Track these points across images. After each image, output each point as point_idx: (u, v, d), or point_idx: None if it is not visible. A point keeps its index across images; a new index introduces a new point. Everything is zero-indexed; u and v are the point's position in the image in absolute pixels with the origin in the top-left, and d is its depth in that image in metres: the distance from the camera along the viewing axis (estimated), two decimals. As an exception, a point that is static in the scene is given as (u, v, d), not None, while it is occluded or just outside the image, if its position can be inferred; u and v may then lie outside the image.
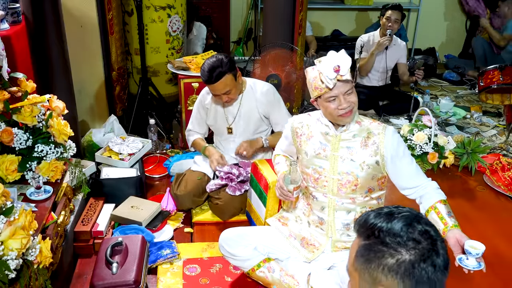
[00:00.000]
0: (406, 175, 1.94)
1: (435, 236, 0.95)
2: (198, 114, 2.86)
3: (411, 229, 0.94)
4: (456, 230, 1.77)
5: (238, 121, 2.74)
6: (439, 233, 0.97)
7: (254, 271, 2.06)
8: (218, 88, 2.53)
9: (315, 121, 2.03)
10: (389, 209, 1.00)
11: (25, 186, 2.04)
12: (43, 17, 2.61)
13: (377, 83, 4.38)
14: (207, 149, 2.79)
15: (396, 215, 0.97)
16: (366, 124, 1.96)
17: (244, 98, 2.71)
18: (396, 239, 0.93)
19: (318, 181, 2.00)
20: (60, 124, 2.12)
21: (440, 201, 1.87)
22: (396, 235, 0.94)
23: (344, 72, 1.81)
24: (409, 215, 0.97)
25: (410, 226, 0.95)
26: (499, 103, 3.73)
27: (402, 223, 0.95)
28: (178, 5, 3.83)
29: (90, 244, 2.41)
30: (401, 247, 0.92)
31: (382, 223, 0.96)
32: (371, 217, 0.99)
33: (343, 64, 1.81)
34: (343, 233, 2.01)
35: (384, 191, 2.04)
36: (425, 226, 0.96)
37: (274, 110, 2.73)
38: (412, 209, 1.00)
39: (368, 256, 0.95)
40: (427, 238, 0.94)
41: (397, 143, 1.92)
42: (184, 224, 2.70)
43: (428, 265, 0.91)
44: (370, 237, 0.96)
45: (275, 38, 3.47)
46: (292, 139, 2.10)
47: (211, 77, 2.49)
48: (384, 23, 4.16)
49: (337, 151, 1.96)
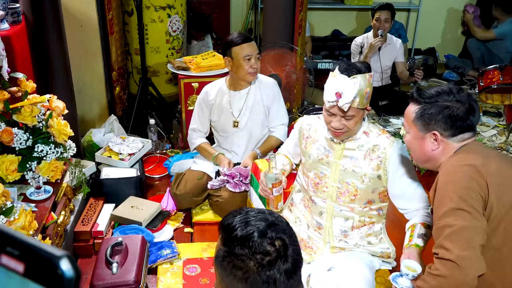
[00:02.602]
0: (402, 197, 1.89)
1: (288, 243, 0.97)
2: (201, 112, 2.85)
3: (262, 240, 0.95)
4: (414, 249, 1.73)
5: (244, 114, 2.74)
6: (294, 240, 0.99)
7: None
8: (253, 48, 2.58)
9: (323, 126, 2.00)
10: (247, 215, 1.01)
11: (25, 186, 2.04)
12: (43, 17, 2.61)
13: (376, 83, 4.37)
14: (218, 158, 2.76)
15: (252, 222, 0.99)
16: (374, 136, 1.91)
17: (251, 91, 2.71)
18: (245, 250, 0.95)
19: (318, 186, 1.99)
20: (60, 124, 2.12)
21: (422, 223, 1.81)
22: (246, 246, 0.95)
23: (342, 104, 1.76)
24: (264, 224, 0.98)
25: (263, 236, 0.96)
26: (499, 103, 3.72)
27: (256, 233, 0.96)
28: (178, 5, 3.83)
29: (90, 244, 2.41)
30: (249, 260, 0.94)
31: (237, 231, 0.97)
32: (229, 217, 1.02)
33: (347, 94, 1.75)
34: (341, 240, 2.00)
35: (387, 203, 2.00)
36: (279, 234, 0.97)
37: (274, 103, 2.74)
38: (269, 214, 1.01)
39: (226, 265, 0.97)
40: (280, 246, 0.96)
41: (401, 161, 1.87)
42: (184, 224, 2.70)
43: (275, 271, 0.94)
44: (228, 244, 0.98)
45: (275, 38, 3.47)
46: (298, 140, 2.09)
47: (244, 36, 2.59)
48: (374, 24, 4.16)
49: (339, 159, 1.93)
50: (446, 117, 1.53)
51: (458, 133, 1.55)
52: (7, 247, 0.45)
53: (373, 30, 4.23)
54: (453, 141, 1.56)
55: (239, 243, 0.95)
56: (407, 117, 1.65)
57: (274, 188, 1.99)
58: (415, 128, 1.61)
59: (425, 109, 1.57)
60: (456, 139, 1.56)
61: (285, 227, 1.00)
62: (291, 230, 1.01)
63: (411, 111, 1.62)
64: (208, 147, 2.85)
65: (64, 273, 0.43)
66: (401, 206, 1.92)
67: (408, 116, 1.64)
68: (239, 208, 1.06)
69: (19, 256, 0.45)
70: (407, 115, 1.65)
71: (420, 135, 1.60)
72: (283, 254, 0.95)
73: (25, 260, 0.44)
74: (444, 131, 1.55)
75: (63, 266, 0.43)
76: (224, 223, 1.01)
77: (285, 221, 1.04)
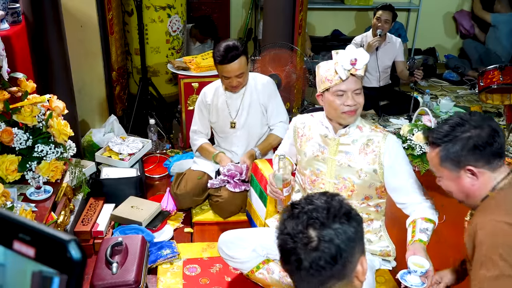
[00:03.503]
0: (401, 191, 1.90)
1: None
2: (200, 113, 2.85)
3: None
4: (418, 244, 1.71)
5: (241, 114, 2.73)
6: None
7: (254, 272, 2.06)
8: (231, 69, 2.52)
9: (316, 123, 2.01)
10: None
11: (25, 186, 2.04)
12: (43, 17, 2.61)
13: (376, 83, 4.37)
14: (218, 156, 2.76)
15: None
16: (367, 131, 1.93)
17: (247, 91, 2.71)
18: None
19: (315, 183, 1.99)
20: (60, 124, 2.12)
21: (423, 218, 1.81)
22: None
23: (360, 66, 1.80)
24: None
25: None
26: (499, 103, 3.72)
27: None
28: (178, 5, 3.83)
29: (90, 244, 2.41)
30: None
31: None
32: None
33: (360, 58, 1.80)
34: None
35: (384, 199, 2.00)
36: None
37: (271, 101, 2.73)
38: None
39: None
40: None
41: (396, 154, 1.88)
42: (184, 224, 2.70)
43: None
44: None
45: (275, 38, 3.47)
46: (293, 139, 2.10)
47: (227, 57, 2.48)
48: (374, 23, 4.15)
49: (335, 155, 1.94)
50: (472, 149, 1.43)
51: (492, 159, 1.45)
52: (19, 233, 0.49)
53: (372, 29, 4.23)
54: (489, 170, 1.46)
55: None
56: (433, 163, 1.54)
57: (284, 188, 1.99)
58: (445, 170, 1.51)
59: (447, 149, 1.48)
60: (492, 167, 1.45)
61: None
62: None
63: (434, 156, 1.52)
64: (208, 146, 2.84)
65: (72, 256, 0.47)
66: (399, 200, 1.92)
67: (434, 161, 1.53)
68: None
69: (30, 241, 0.48)
70: (432, 161, 1.55)
71: (454, 175, 1.50)
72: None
73: (36, 245, 0.48)
74: (476, 162, 1.45)
75: (71, 249, 0.47)
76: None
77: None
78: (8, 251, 0.49)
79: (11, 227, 0.49)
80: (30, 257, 0.48)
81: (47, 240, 0.47)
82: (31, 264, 0.48)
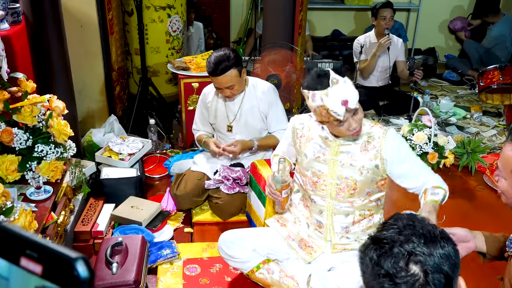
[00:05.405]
0: (409, 177, 1.92)
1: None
2: (201, 113, 2.85)
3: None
4: (429, 203, 1.75)
5: (238, 119, 2.73)
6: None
7: (254, 272, 2.06)
8: (221, 82, 2.51)
9: (315, 124, 1.99)
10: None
11: (25, 186, 2.04)
12: (43, 17, 2.61)
13: (376, 83, 4.37)
14: (205, 142, 2.77)
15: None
16: (367, 128, 1.92)
17: (246, 96, 2.70)
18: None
19: (316, 185, 1.99)
20: (60, 124, 2.12)
21: (433, 186, 1.85)
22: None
23: (353, 105, 1.74)
24: None
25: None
26: (499, 103, 3.72)
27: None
28: (178, 5, 3.83)
29: (90, 244, 2.41)
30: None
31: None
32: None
33: (350, 97, 1.73)
34: (342, 236, 2.00)
35: (384, 192, 2.02)
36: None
37: (271, 109, 2.72)
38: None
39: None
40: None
41: (398, 146, 1.89)
42: (184, 224, 2.70)
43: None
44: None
45: (275, 38, 3.47)
46: (292, 140, 2.09)
47: (216, 70, 2.47)
48: (380, 23, 4.14)
49: (336, 156, 1.93)
50: None
51: None
52: (26, 250, 0.48)
53: (377, 29, 4.21)
54: None
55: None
56: (508, 164, 1.38)
57: (283, 191, 1.99)
58: None
59: None
60: None
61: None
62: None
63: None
64: (202, 135, 2.84)
65: (80, 274, 0.46)
66: (409, 186, 1.95)
67: (509, 163, 1.37)
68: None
69: (37, 258, 0.48)
70: (507, 162, 1.38)
71: None
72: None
73: (43, 262, 0.48)
74: None
75: (79, 267, 0.46)
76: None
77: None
78: (13, 266, 0.49)
79: (18, 243, 0.49)
80: (37, 274, 0.48)
81: (54, 257, 0.47)
82: (35, 279, 0.48)
